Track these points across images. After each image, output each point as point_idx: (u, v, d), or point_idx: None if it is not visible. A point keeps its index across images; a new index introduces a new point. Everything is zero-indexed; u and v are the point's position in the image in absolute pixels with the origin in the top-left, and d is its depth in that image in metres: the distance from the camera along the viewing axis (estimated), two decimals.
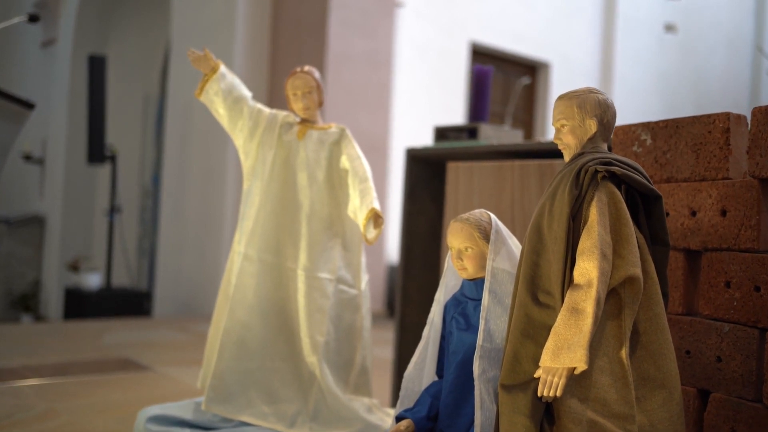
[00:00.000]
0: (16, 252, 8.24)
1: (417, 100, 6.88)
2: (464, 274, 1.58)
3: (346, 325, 2.16)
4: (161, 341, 4.62)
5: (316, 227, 2.15)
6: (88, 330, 5.00)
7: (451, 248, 1.58)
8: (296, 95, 2.20)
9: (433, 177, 3.03)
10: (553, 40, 8.30)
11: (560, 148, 1.47)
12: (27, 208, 8.67)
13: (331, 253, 2.15)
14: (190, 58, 2.17)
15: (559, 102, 1.45)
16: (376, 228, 2.00)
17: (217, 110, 2.22)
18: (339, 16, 5.78)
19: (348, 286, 2.17)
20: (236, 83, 2.22)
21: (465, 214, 1.59)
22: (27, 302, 7.88)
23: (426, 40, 7.04)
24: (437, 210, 3.01)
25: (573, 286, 1.31)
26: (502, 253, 1.53)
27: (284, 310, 2.13)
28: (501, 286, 1.51)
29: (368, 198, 2.03)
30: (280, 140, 2.21)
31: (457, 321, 1.58)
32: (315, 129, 2.23)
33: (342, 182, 2.20)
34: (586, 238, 1.31)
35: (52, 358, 3.92)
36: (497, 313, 1.49)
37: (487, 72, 2.87)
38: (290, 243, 2.15)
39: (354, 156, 2.17)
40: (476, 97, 2.86)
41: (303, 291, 2.10)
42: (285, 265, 2.14)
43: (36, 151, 8.38)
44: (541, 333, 1.34)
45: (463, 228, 1.56)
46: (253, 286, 2.10)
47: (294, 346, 2.11)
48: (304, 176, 2.17)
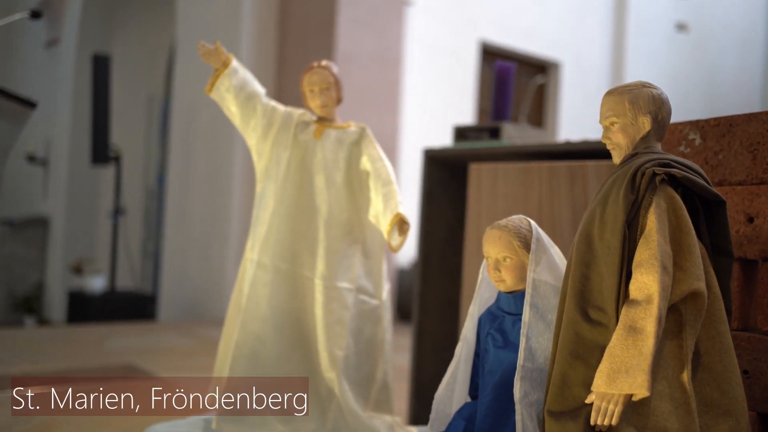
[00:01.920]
0: (19, 253, 8.14)
1: (426, 100, 6.77)
2: (502, 287, 1.44)
3: (366, 338, 2.01)
4: (166, 347, 4.51)
5: (334, 233, 2.00)
6: (92, 335, 4.89)
7: (488, 258, 1.45)
8: (313, 92, 2.06)
9: (451, 179, 2.89)
10: (565, 39, 8.19)
11: (609, 148, 1.34)
12: (30, 210, 8.58)
13: (350, 261, 2.00)
14: (199, 52, 2.03)
15: (608, 97, 1.32)
16: (401, 235, 1.86)
17: (229, 108, 2.08)
18: (347, 14, 5.67)
19: (369, 296, 2.03)
20: (249, 79, 2.09)
21: (503, 220, 1.45)
22: (30, 304, 7.78)
23: (436, 39, 6.92)
24: (455, 214, 2.87)
25: (629, 302, 1.18)
26: (542, 264, 1.40)
27: (300, 322, 1.99)
28: (543, 299, 1.37)
29: (393, 202, 1.89)
30: (296, 140, 2.06)
31: (493, 338, 1.45)
32: (333, 128, 2.09)
33: (362, 185, 2.06)
34: (643, 249, 1.18)
35: (55, 365, 3.82)
36: (539, 330, 1.35)
37: (509, 69, 2.73)
38: (307, 250, 2.01)
39: (376, 157, 2.03)
40: (498, 94, 2.72)
41: (321, 302, 1.96)
42: (301, 273, 2.00)
43: (39, 151, 8.28)
44: (593, 354, 1.21)
45: (501, 236, 1.42)
46: (267, 296, 1.96)
47: (311, 360, 1.97)
48: (321, 178, 2.04)
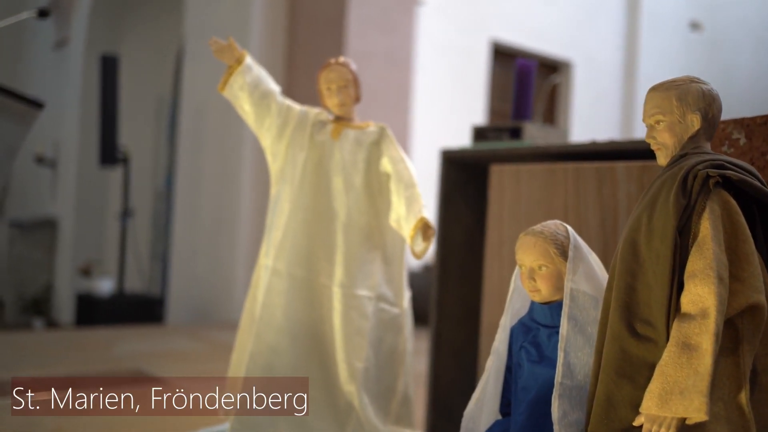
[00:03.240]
0: (27, 255, 8.11)
1: (437, 100, 6.68)
2: (537, 297, 1.34)
3: (387, 348, 1.92)
4: (175, 351, 4.44)
5: (353, 238, 1.90)
6: (100, 338, 4.83)
7: (521, 266, 1.35)
8: (330, 90, 1.96)
9: (469, 181, 2.80)
10: (576, 38, 8.10)
11: (654, 148, 1.24)
12: (39, 211, 8.54)
13: (370, 267, 1.90)
14: (212, 48, 1.94)
15: (653, 94, 1.22)
16: (425, 240, 1.76)
17: (242, 107, 1.98)
18: (358, 13, 5.60)
19: (389, 305, 1.93)
20: (263, 76, 1.99)
21: (537, 226, 1.35)
22: (39, 306, 7.75)
23: (447, 39, 6.84)
24: (474, 217, 2.77)
25: (681, 315, 1.08)
26: (580, 273, 1.30)
27: (317, 332, 1.89)
28: (582, 311, 1.28)
29: (416, 206, 1.79)
30: (312, 140, 1.96)
31: (527, 351, 1.35)
32: (351, 128, 2.00)
33: (382, 188, 1.96)
34: (697, 258, 1.08)
35: (63, 370, 3.75)
36: (578, 344, 1.26)
37: (530, 67, 2.64)
38: (324, 256, 1.91)
39: (397, 158, 1.93)
40: (519, 93, 2.63)
41: (339, 311, 1.86)
42: (318, 281, 1.90)
43: (48, 153, 8.24)
44: (641, 372, 1.11)
45: (536, 243, 1.32)
46: (283, 304, 1.86)
47: (329, 372, 1.87)
48: (339, 181, 1.94)
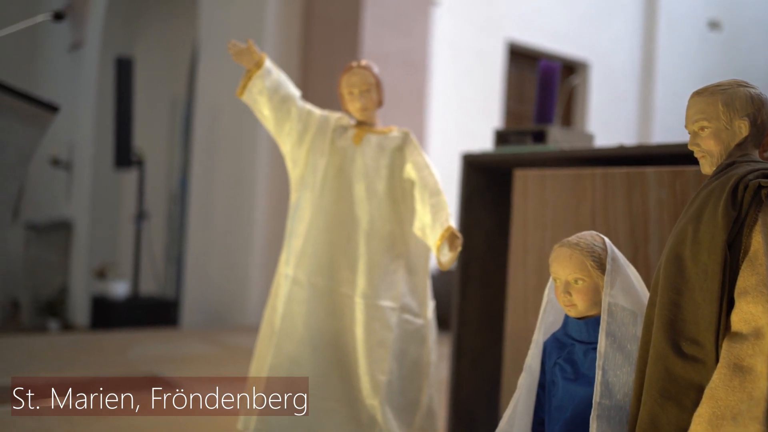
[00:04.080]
0: (43, 258, 8.12)
1: (452, 101, 6.62)
2: (572, 312, 1.28)
3: (411, 360, 1.85)
4: (190, 355, 4.41)
5: (375, 247, 1.84)
6: (115, 342, 4.81)
7: (556, 279, 1.29)
8: (352, 94, 1.90)
9: (490, 185, 2.74)
10: (593, 38, 8.01)
11: (698, 156, 1.18)
12: (54, 213, 8.55)
13: (393, 277, 1.84)
14: (230, 52, 1.89)
15: (697, 99, 1.16)
16: (451, 251, 1.70)
17: (262, 111, 1.93)
18: (373, 14, 5.56)
19: (413, 316, 1.87)
20: (283, 80, 1.94)
21: (572, 237, 1.29)
22: (54, 309, 7.75)
23: (462, 40, 6.78)
24: (495, 222, 2.71)
25: (732, 335, 1.02)
26: (617, 286, 1.24)
27: (339, 343, 1.83)
28: (621, 327, 1.21)
29: (442, 215, 1.73)
30: (333, 146, 1.90)
31: (561, 368, 1.29)
32: (374, 133, 1.94)
33: (405, 194, 1.90)
34: (749, 274, 1.02)
35: (76, 375, 3.72)
36: (617, 362, 1.20)
37: (554, 68, 2.57)
38: (346, 265, 1.85)
39: (422, 164, 1.86)
40: (542, 95, 2.56)
41: (362, 322, 1.80)
42: (340, 290, 1.84)
43: (63, 155, 8.25)
44: (687, 394, 1.05)
45: (572, 255, 1.26)
46: (303, 315, 1.81)
47: (351, 385, 1.81)
48: (361, 187, 1.87)
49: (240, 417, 1.95)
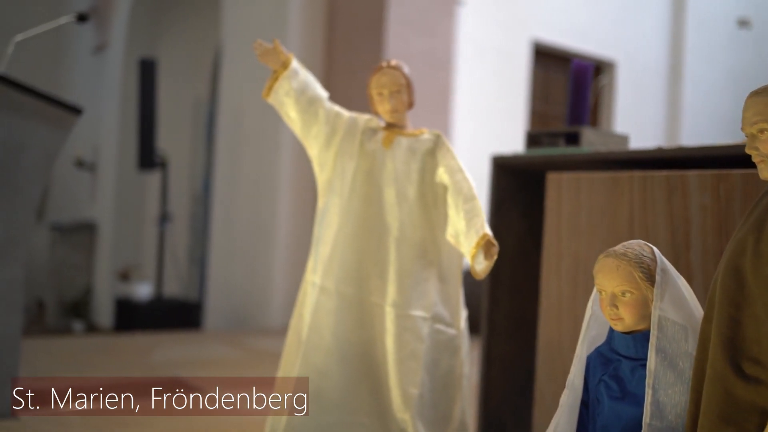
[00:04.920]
0: (68, 259, 8.18)
1: (477, 102, 6.55)
2: (619, 326, 1.21)
3: (443, 372, 1.78)
4: (214, 358, 4.39)
5: (407, 254, 1.77)
6: (138, 345, 4.81)
7: (601, 291, 1.22)
8: (382, 95, 1.83)
9: (521, 189, 2.66)
10: (619, 37, 7.88)
11: (756, 160, 1.10)
12: (79, 215, 8.61)
13: (425, 285, 1.77)
14: (256, 52, 1.83)
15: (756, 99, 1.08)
16: (487, 259, 1.62)
17: (288, 113, 1.87)
18: (397, 14, 5.51)
19: (445, 326, 1.80)
20: (310, 81, 1.88)
21: (619, 247, 1.22)
22: (79, 309, 7.80)
23: (487, 39, 6.70)
24: (526, 226, 2.64)
25: None
26: (667, 299, 1.16)
27: (369, 354, 1.76)
28: (672, 343, 1.14)
29: (477, 221, 1.66)
30: (362, 149, 1.83)
31: (607, 386, 1.21)
32: (404, 135, 1.86)
33: (437, 199, 1.82)
34: None
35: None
36: (669, 381, 1.12)
37: (587, 68, 2.49)
38: (376, 273, 1.78)
39: (455, 168, 1.79)
40: (575, 96, 2.48)
41: (392, 332, 1.73)
42: (369, 300, 1.78)
43: (87, 156, 8.30)
44: (750, 418, 0.97)
45: (619, 266, 1.19)
46: (331, 324, 1.74)
47: (381, 398, 1.74)
48: (391, 192, 1.80)
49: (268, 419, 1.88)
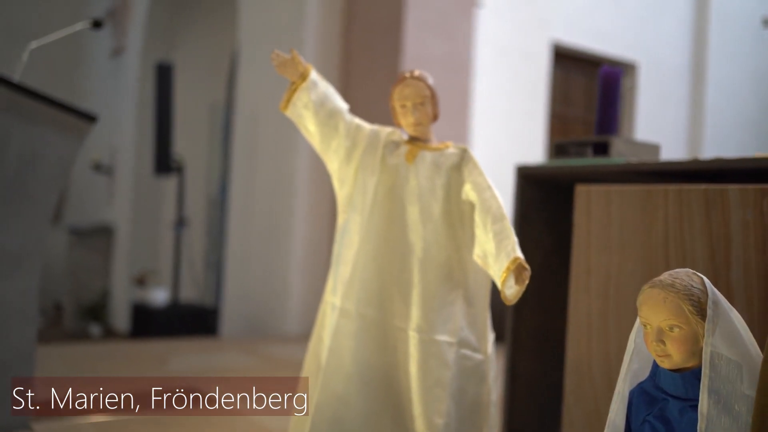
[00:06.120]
0: (85, 262, 8.19)
1: (497, 104, 6.45)
2: (666, 363, 1.11)
3: (470, 400, 1.69)
4: (230, 367, 4.33)
5: (431, 276, 1.68)
6: (154, 352, 4.77)
7: (646, 325, 1.12)
8: (405, 107, 1.73)
9: (546, 200, 2.57)
10: (641, 38, 7.76)
11: None
12: (96, 218, 8.62)
13: (451, 309, 1.67)
14: (273, 63, 1.75)
15: None
16: (518, 284, 1.53)
17: (306, 127, 1.78)
18: (415, 17, 5.44)
19: (472, 351, 1.70)
20: (330, 93, 1.79)
21: (665, 276, 1.12)
22: (96, 313, 7.81)
23: (506, 41, 6.60)
24: (552, 238, 2.54)
25: None
26: (718, 334, 1.07)
27: (391, 380, 1.67)
28: (726, 384, 1.04)
29: (507, 243, 1.56)
30: (384, 163, 1.74)
31: (653, 427, 1.12)
32: (428, 149, 1.76)
33: (464, 218, 1.72)
34: None
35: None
36: (724, 425, 1.03)
37: (616, 75, 2.39)
38: (398, 295, 1.69)
39: (483, 185, 1.69)
40: (604, 104, 2.38)
41: (416, 358, 1.64)
42: (391, 323, 1.69)
43: (105, 159, 8.32)
44: None
45: (667, 298, 1.09)
46: (352, 349, 1.66)
47: (403, 427, 1.65)
48: (415, 210, 1.71)
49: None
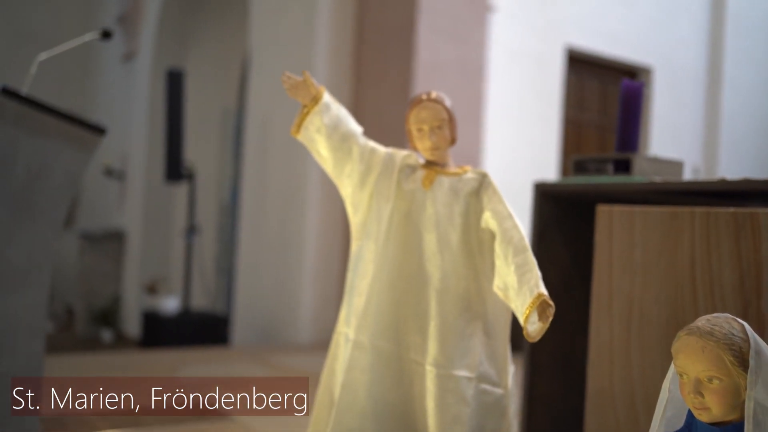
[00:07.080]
0: (97, 267, 8.19)
1: (510, 110, 6.38)
2: (705, 416, 1.04)
3: None
4: (243, 378, 4.29)
5: (449, 307, 1.61)
6: (164, 362, 4.74)
7: (683, 375, 1.05)
8: (422, 131, 1.66)
9: (565, 217, 2.50)
10: (656, 42, 7.67)
11: None
12: (107, 223, 8.63)
13: (469, 342, 1.59)
14: (285, 86, 1.69)
15: None
16: (541, 320, 1.46)
17: (319, 151, 1.72)
18: (428, 22, 5.38)
19: (492, 385, 1.63)
20: (343, 115, 1.72)
21: (703, 323, 1.05)
22: (107, 318, 7.80)
23: (519, 46, 6.53)
24: (571, 257, 2.47)
25: None
26: (761, 385, 0.99)
27: (407, 416, 1.60)
28: None
29: (531, 277, 1.49)
30: (400, 189, 1.67)
31: None
32: (446, 174, 1.69)
33: (483, 246, 1.65)
34: None
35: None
36: None
37: (638, 89, 2.32)
38: (415, 328, 1.62)
39: (504, 214, 1.61)
40: (625, 120, 2.31)
41: (433, 394, 1.57)
42: (407, 356, 1.62)
43: (116, 165, 8.31)
44: None
45: (705, 347, 1.02)
46: (366, 383, 1.59)
47: None
48: (432, 238, 1.63)
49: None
